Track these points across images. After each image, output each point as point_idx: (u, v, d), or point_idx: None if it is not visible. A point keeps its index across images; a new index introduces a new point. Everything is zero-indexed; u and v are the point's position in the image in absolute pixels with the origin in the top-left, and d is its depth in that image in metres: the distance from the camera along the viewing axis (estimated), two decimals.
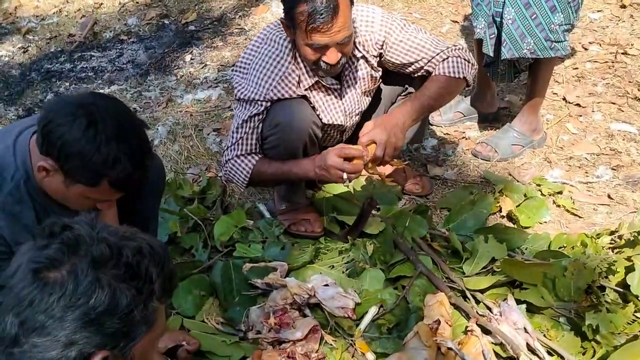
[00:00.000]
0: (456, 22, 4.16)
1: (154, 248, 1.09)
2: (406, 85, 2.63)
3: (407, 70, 2.47)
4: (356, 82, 2.47)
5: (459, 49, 2.41)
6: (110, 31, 4.55)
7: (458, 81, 2.39)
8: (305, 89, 2.36)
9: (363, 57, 2.41)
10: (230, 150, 2.38)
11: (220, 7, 4.68)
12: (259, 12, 4.54)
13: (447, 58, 2.37)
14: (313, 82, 2.36)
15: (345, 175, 2.19)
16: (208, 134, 3.30)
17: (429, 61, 2.39)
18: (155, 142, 3.26)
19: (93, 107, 1.56)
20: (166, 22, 4.60)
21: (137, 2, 4.88)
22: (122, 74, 4.04)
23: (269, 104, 2.31)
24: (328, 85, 2.41)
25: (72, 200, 1.69)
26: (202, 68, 3.98)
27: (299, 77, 2.34)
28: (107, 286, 0.97)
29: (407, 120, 2.30)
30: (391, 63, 2.45)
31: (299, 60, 2.32)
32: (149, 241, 1.10)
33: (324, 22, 2.07)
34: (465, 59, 2.39)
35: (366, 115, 2.67)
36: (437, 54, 2.38)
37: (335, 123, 2.50)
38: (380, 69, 2.49)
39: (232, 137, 2.38)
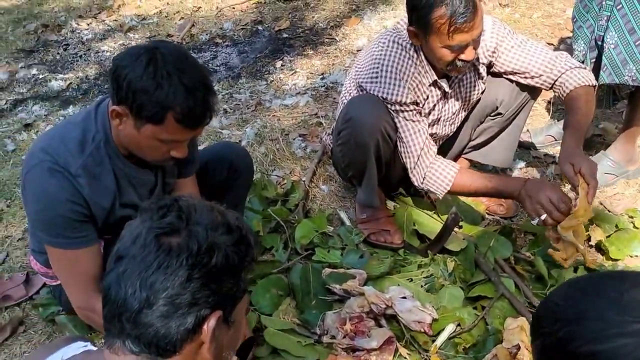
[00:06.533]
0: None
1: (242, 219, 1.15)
2: (496, 105, 2.59)
3: (517, 77, 2.48)
4: (461, 90, 2.48)
5: (569, 58, 2.44)
6: (207, 34, 4.71)
7: (592, 89, 2.40)
8: (427, 87, 2.39)
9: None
10: (421, 162, 2.35)
11: (313, 17, 4.76)
12: (350, 24, 4.59)
13: (570, 69, 2.39)
14: (431, 81, 2.38)
15: (543, 217, 2.13)
16: (294, 139, 3.35)
17: (545, 67, 2.41)
18: (243, 142, 3.34)
19: (154, 49, 1.66)
20: (260, 28, 4.72)
21: (234, 8, 5.03)
22: (215, 75, 4.16)
23: (414, 108, 2.33)
24: (441, 86, 2.41)
25: (145, 147, 1.76)
26: (292, 75, 4.06)
27: (422, 79, 2.36)
28: (223, 249, 1.03)
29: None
30: (502, 69, 2.47)
31: (422, 58, 2.33)
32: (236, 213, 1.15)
33: (466, 21, 2.09)
34: (583, 67, 2.43)
35: (454, 133, 2.68)
36: (553, 64, 2.40)
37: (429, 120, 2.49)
38: (485, 77, 2.50)
39: (413, 146, 2.34)
